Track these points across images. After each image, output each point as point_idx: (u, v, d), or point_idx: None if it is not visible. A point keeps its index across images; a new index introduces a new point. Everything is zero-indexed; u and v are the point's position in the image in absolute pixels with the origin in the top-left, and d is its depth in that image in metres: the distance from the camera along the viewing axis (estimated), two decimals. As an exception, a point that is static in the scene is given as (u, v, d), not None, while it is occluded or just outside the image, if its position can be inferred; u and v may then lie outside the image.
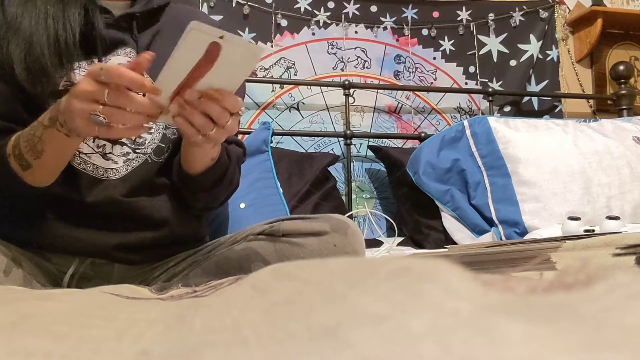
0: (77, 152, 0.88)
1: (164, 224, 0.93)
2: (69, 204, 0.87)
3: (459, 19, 2.37)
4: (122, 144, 0.90)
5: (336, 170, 2.11)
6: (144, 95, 0.70)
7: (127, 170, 0.90)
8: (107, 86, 0.67)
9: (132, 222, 0.90)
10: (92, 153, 0.88)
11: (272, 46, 2.17)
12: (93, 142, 0.88)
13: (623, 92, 2.39)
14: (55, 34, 0.83)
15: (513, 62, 2.40)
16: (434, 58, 2.34)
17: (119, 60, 0.90)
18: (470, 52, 2.36)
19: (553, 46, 2.46)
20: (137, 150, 0.91)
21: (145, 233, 0.92)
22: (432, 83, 2.33)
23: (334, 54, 2.25)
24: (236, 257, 0.91)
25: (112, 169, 0.89)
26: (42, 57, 0.82)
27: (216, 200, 0.99)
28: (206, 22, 1.05)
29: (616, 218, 1.48)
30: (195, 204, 0.98)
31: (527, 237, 1.63)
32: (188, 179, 0.91)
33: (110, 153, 0.89)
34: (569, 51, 2.51)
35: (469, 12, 2.37)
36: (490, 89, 2.29)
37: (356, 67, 2.27)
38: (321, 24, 2.24)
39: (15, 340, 0.26)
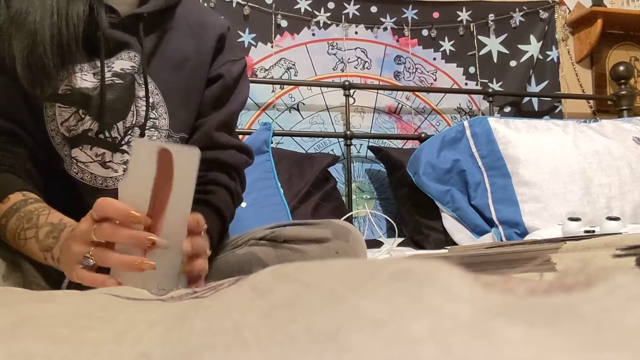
0: (75, 161, 0.85)
1: None
2: (68, 213, 0.86)
3: (459, 19, 2.37)
4: (123, 151, 0.87)
5: (336, 171, 2.11)
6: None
7: None
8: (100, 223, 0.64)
9: None
10: (91, 162, 0.86)
11: (272, 47, 2.18)
12: (91, 150, 0.86)
13: (623, 92, 2.39)
14: (58, 32, 0.80)
15: (513, 63, 2.40)
16: (434, 59, 2.34)
17: (122, 64, 0.87)
18: (470, 53, 2.37)
19: (553, 47, 2.46)
20: None
21: None
22: (432, 84, 2.33)
23: (334, 54, 2.25)
24: (237, 261, 0.90)
25: (111, 177, 0.87)
26: (44, 57, 0.79)
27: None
28: (213, 18, 1.03)
29: (616, 219, 1.48)
30: None
31: (528, 237, 1.63)
32: None
33: (110, 161, 0.87)
34: (569, 52, 2.52)
35: (469, 12, 2.37)
36: (490, 90, 2.30)
37: (356, 68, 2.27)
38: (321, 25, 2.24)
39: (14, 342, 0.26)
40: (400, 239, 1.87)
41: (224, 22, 1.04)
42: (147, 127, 0.88)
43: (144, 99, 0.88)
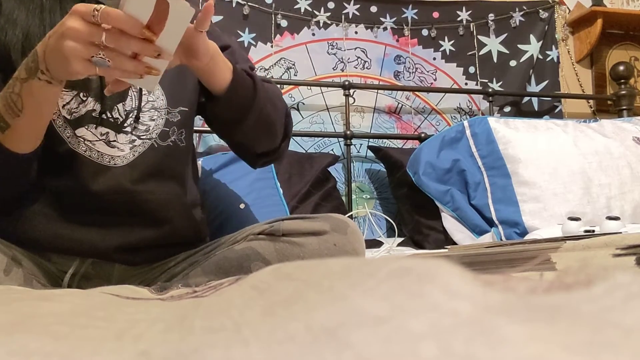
0: (83, 140, 0.87)
1: (167, 221, 0.93)
2: (71, 199, 0.87)
3: (459, 19, 2.37)
4: (126, 132, 0.90)
5: (336, 171, 2.11)
6: None
7: (134, 156, 0.90)
8: (100, 28, 0.66)
9: (135, 216, 0.90)
10: (97, 140, 0.88)
11: (272, 46, 2.17)
12: (96, 129, 0.88)
13: (623, 92, 2.39)
14: (51, 25, 0.83)
15: (513, 63, 2.40)
16: (434, 58, 2.34)
17: None
18: (470, 53, 2.36)
19: (553, 46, 2.46)
20: (142, 137, 0.91)
21: (147, 231, 0.91)
22: (432, 83, 2.33)
23: (334, 54, 2.25)
24: (236, 256, 0.91)
25: (118, 156, 0.89)
26: (36, 44, 0.82)
27: (271, 123, 0.97)
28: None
29: (616, 218, 1.48)
30: (257, 142, 0.98)
31: (527, 237, 1.63)
32: (224, 100, 0.89)
33: (114, 141, 0.89)
34: (569, 51, 2.51)
35: (469, 12, 2.37)
36: (490, 90, 2.29)
37: (356, 68, 2.27)
38: (321, 25, 2.24)
39: (15, 340, 0.26)
40: (400, 239, 1.87)
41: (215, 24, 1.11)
42: (146, 110, 0.92)
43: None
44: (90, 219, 0.88)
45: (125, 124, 0.90)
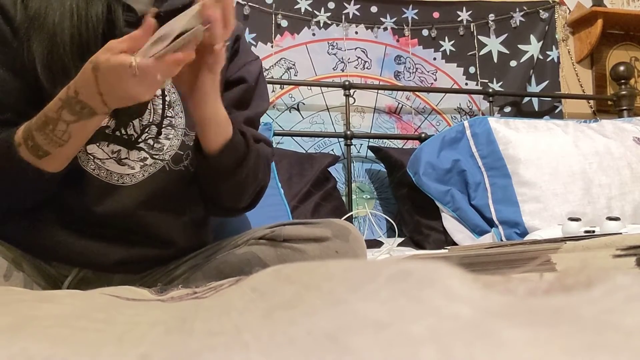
0: (92, 157, 0.85)
1: (170, 243, 0.91)
2: (74, 212, 0.85)
3: (459, 19, 2.37)
4: (140, 149, 0.87)
5: (336, 171, 2.11)
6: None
7: (143, 175, 0.87)
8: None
9: (138, 236, 0.88)
10: (107, 159, 0.85)
11: (272, 47, 2.17)
12: (107, 146, 0.85)
13: (623, 92, 2.39)
14: (78, 34, 0.81)
15: (513, 63, 2.40)
16: (434, 58, 2.34)
17: None
18: (470, 53, 2.36)
19: (553, 47, 2.46)
20: (154, 156, 0.88)
21: (149, 250, 0.90)
22: (432, 83, 2.33)
23: (334, 54, 2.25)
24: (237, 261, 0.90)
25: (128, 174, 0.86)
26: (64, 57, 0.80)
27: (242, 192, 0.92)
28: None
29: (616, 219, 1.48)
30: (221, 200, 0.93)
31: (528, 237, 1.63)
32: (208, 161, 0.85)
33: (126, 158, 0.86)
34: (569, 52, 2.51)
35: (469, 12, 2.37)
36: (490, 90, 2.29)
37: (356, 68, 2.27)
38: (321, 25, 2.24)
39: (14, 343, 0.26)
40: (400, 239, 1.87)
41: (239, 24, 1.04)
42: (163, 126, 0.88)
43: (161, 97, 0.88)
44: (92, 231, 0.86)
45: (140, 140, 0.87)
